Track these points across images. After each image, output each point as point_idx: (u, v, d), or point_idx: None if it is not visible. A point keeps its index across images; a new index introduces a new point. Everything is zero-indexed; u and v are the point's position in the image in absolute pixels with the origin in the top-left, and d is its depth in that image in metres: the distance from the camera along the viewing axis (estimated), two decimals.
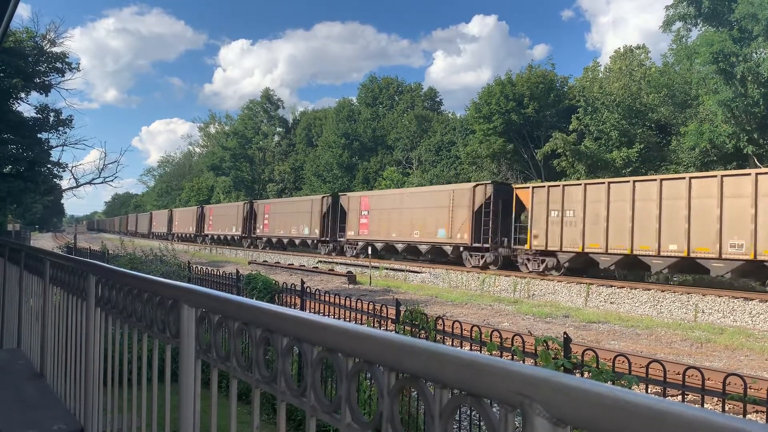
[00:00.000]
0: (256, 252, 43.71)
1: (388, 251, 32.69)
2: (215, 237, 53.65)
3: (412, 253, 30.83)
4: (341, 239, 35.81)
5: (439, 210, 27.93)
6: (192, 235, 59.26)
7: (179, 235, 63.97)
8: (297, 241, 40.61)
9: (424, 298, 20.38)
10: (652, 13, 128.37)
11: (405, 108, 57.89)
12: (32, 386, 3.94)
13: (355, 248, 34.33)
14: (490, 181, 27.77)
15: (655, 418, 0.65)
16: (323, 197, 38.55)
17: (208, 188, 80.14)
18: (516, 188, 25.61)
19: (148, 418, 2.30)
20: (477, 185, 26.73)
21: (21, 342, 4.93)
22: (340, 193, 38.83)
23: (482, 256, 26.02)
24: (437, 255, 29.52)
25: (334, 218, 36.70)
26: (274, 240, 43.86)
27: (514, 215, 25.15)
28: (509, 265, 25.63)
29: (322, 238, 37.35)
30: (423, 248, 29.18)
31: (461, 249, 27.03)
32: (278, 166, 68.72)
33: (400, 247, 30.79)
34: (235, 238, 49.36)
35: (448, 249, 27.80)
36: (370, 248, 30.93)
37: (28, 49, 28.68)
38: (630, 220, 20.12)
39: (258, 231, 46.14)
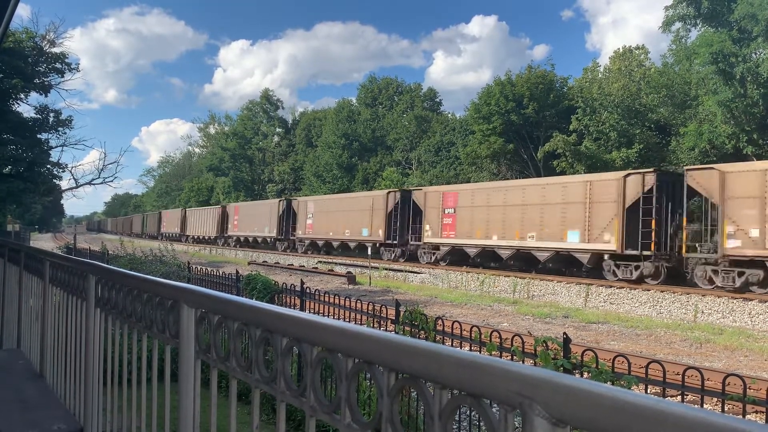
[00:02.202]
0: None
1: (485, 258, 26.92)
2: (242, 239, 49.48)
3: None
4: (416, 242, 30.43)
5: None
6: (213, 237, 55.08)
7: (196, 237, 59.65)
8: (352, 245, 35.30)
9: (423, 299, 20.38)
10: (652, 13, 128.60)
11: (405, 108, 57.90)
12: (32, 386, 3.94)
13: (435, 254, 28.91)
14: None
15: (655, 418, 0.65)
16: (389, 192, 33.20)
17: (208, 189, 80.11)
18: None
19: (148, 418, 2.30)
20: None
21: (21, 342, 4.93)
22: (413, 188, 34.02)
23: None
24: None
25: (403, 217, 31.53)
26: (320, 243, 38.61)
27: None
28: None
29: (388, 241, 31.97)
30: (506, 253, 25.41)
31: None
32: (278, 167, 68.72)
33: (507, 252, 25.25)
34: (269, 240, 44.40)
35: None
36: (443, 256, 28.03)
37: (27, 49, 28.66)
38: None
39: (299, 232, 40.51)
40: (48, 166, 30.03)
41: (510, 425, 0.85)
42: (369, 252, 29.80)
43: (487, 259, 26.84)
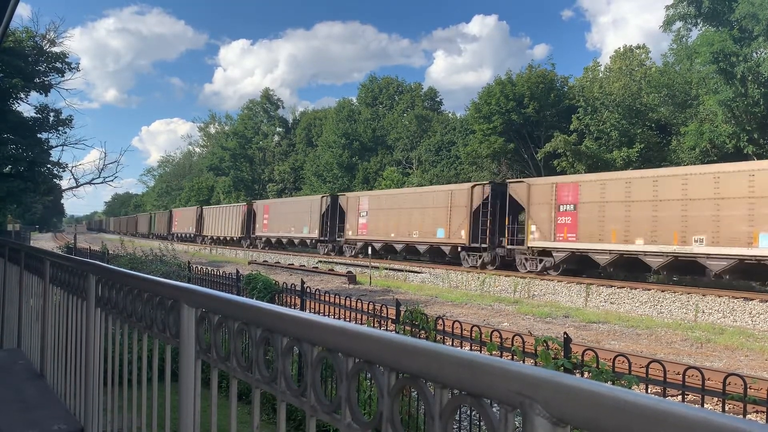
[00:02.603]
0: (256, 252, 42.59)
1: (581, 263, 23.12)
2: (273, 240, 44.14)
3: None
4: (518, 246, 24.94)
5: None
6: (236, 238, 49.52)
7: (215, 238, 53.91)
8: (422, 248, 29.73)
9: (424, 298, 20.38)
10: (652, 12, 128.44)
11: (405, 108, 57.93)
12: (32, 386, 3.94)
13: (555, 260, 23.14)
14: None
15: (656, 418, 0.65)
16: (475, 186, 27.38)
17: (208, 188, 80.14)
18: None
19: (148, 418, 2.30)
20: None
21: (21, 342, 4.93)
22: (509, 181, 27.87)
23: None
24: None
25: (493, 216, 26.02)
26: (377, 245, 32.20)
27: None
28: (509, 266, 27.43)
29: (474, 245, 26.41)
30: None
31: None
32: (278, 166, 68.74)
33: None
34: (308, 241, 39.57)
35: None
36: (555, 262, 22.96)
37: (28, 49, 28.67)
38: None
39: (349, 233, 34.87)
40: (48, 165, 30.04)
41: (510, 425, 0.85)
42: (448, 255, 27.97)
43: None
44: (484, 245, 25.85)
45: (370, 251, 30.48)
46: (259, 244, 45.49)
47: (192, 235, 58.75)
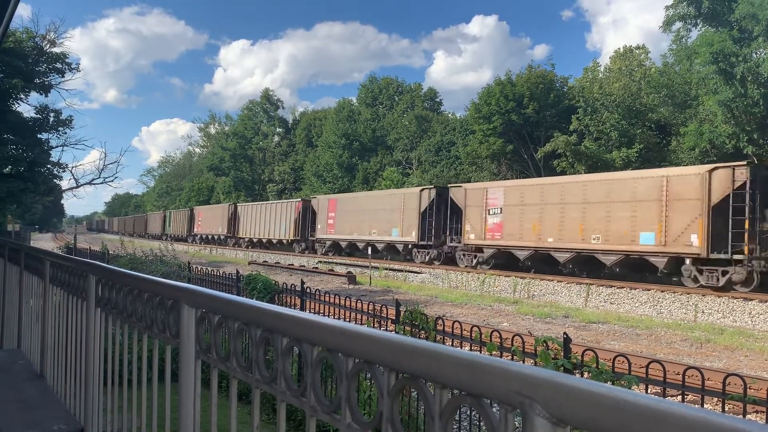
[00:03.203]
0: (256, 252, 42.33)
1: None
2: (343, 243, 36.01)
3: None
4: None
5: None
6: (287, 241, 41.21)
7: (255, 240, 46.33)
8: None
9: (424, 299, 20.38)
10: (652, 13, 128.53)
11: (405, 108, 57.93)
12: (32, 386, 3.94)
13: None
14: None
15: (655, 418, 0.65)
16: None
17: (209, 188, 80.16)
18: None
19: (148, 418, 2.30)
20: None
21: (21, 342, 4.93)
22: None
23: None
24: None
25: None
26: (490, 250, 25.89)
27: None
28: None
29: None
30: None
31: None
32: (278, 167, 68.74)
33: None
34: (399, 246, 31.18)
35: None
36: None
37: (28, 49, 28.66)
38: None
39: (471, 236, 26.45)
40: (48, 166, 30.02)
41: (510, 425, 0.85)
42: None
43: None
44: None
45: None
46: (320, 248, 37.65)
47: (222, 237, 51.49)
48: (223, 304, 1.70)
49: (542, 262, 24.35)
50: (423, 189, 30.48)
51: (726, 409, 4.94)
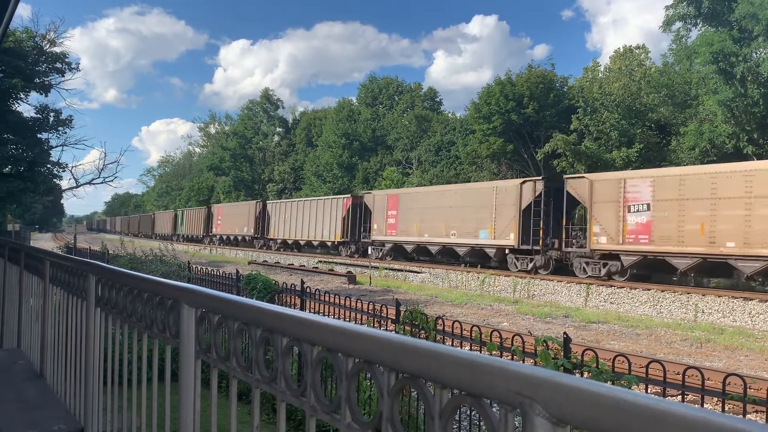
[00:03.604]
0: (256, 252, 41.75)
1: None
2: (409, 247, 30.33)
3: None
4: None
5: None
6: (332, 243, 36.19)
7: (287, 241, 40.74)
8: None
9: (424, 298, 20.38)
10: (652, 13, 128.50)
11: (405, 108, 57.92)
12: (32, 386, 3.94)
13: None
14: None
15: (655, 418, 0.65)
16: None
17: (208, 188, 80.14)
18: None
19: (148, 418, 2.30)
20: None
21: (21, 342, 4.93)
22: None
23: None
24: None
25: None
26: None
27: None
28: None
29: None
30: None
31: None
32: (278, 166, 68.71)
33: None
34: (491, 250, 25.76)
35: None
36: None
37: (28, 49, 28.66)
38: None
39: (601, 239, 21.41)
40: (48, 165, 30.02)
41: (510, 425, 0.85)
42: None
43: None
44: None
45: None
46: (376, 251, 32.30)
47: (249, 238, 46.65)
48: (223, 304, 1.70)
49: (713, 272, 20.48)
50: (525, 181, 25.02)
51: (726, 409, 4.94)
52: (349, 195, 37.12)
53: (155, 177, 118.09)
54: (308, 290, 9.26)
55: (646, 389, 5.25)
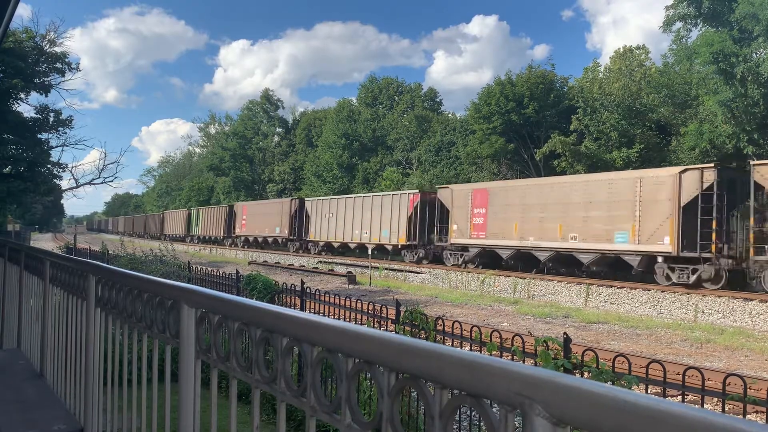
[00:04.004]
0: (255, 252, 41.76)
1: None
2: (504, 253, 25.22)
3: None
4: None
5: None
6: (394, 247, 31.24)
7: (334, 244, 36.40)
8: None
9: (424, 299, 20.38)
10: (652, 12, 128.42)
11: (405, 108, 57.92)
12: (32, 386, 3.94)
13: None
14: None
15: (655, 418, 0.65)
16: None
17: (208, 188, 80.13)
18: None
19: (148, 418, 2.30)
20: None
21: (21, 342, 4.93)
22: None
23: None
24: None
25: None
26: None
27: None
28: None
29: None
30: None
31: None
32: (278, 167, 68.69)
33: None
34: (634, 258, 20.54)
35: None
36: None
37: (28, 49, 28.66)
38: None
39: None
40: (48, 166, 30.02)
41: (510, 425, 0.85)
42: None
43: None
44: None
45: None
46: (454, 257, 27.86)
47: (283, 240, 41.09)
48: (223, 304, 1.70)
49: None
50: (685, 170, 19.56)
51: (726, 409, 4.94)
52: (418, 190, 32.33)
53: (155, 177, 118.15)
54: (308, 290, 9.26)
55: (647, 389, 5.25)
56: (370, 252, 30.09)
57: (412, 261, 29.81)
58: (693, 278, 18.70)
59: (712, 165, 19.33)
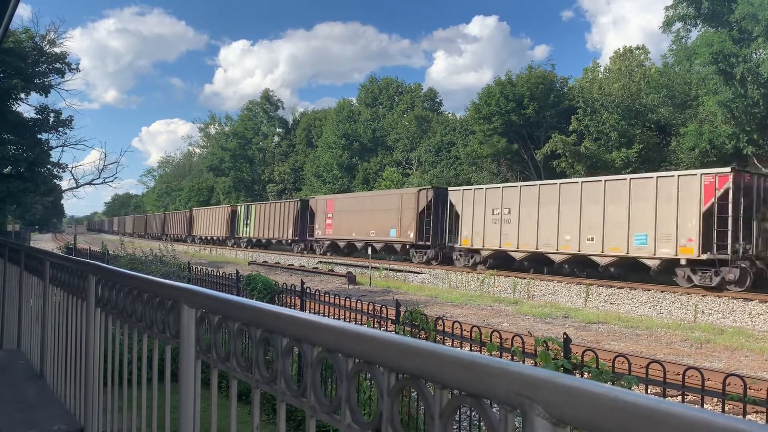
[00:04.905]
0: (256, 252, 41.63)
1: None
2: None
3: None
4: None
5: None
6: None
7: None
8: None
9: (424, 299, 20.37)
10: (652, 13, 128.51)
11: (405, 108, 57.93)
12: (32, 386, 3.94)
13: None
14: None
15: (655, 418, 0.65)
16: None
17: (208, 189, 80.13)
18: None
19: (148, 418, 2.30)
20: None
21: (21, 342, 4.92)
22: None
23: None
24: None
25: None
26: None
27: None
28: None
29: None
30: None
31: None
32: (278, 167, 68.70)
33: None
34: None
35: None
36: None
37: (28, 49, 28.66)
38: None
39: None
40: (48, 166, 30.05)
41: (510, 425, 0.85)
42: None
43: None
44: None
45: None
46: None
47: (400, 245, 30.21)
48: (223, 305, 1.70)
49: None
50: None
51: (726, 410, 4.94)
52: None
53: (155, 177, 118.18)
54: (308, 291, 9.26)
55: (646, 390, 5.25)
56: (369, 252, 30.14)
57: (421, 262, 28.86)
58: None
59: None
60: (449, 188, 29.58)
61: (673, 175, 19.57)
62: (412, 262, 29.40)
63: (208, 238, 53.75)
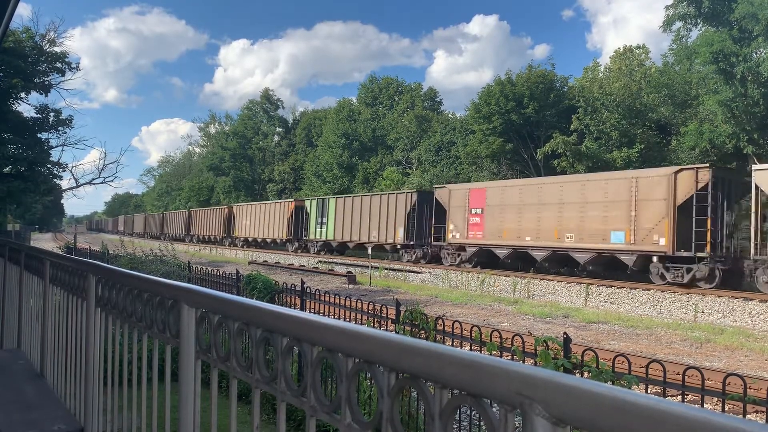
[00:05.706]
0: (255, 252, 41.87)
1: None
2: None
3: None
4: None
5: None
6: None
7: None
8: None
9: (424, 298, 20.37)
10: (653, 12, 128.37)
11: (405, 108, 57.91)
12: (32, 386, 3.94)
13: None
14: None
15: (655, 418, 0.65)
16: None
17: (208, 188, 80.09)
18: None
19: (148, 418, 2.30)
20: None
21: (21, 342, 4.92)
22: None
23: None
24: None
25: None
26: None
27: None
28: None
29: None
30: None
31: None
32: (278, 167, 68.68)
33: None
34: None
35: None
36: None
37: (28, 49, 28.64)
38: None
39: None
40: (48, 165, 29.99)
41: (510, 425, 0.85)
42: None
43: None
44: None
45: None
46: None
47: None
48: (223, 304, 1.70)
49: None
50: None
51: (726, 409, 4.94)
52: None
53: (155, 177, 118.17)
54: (308, 290, 9.26)
55: (646, 389, 5.25)
56: (369, 252, 30.62)
57: (410, 261, 29.74)
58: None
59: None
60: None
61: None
62: (401, 261, 30.38)
63: (256, 240, 46.57)
